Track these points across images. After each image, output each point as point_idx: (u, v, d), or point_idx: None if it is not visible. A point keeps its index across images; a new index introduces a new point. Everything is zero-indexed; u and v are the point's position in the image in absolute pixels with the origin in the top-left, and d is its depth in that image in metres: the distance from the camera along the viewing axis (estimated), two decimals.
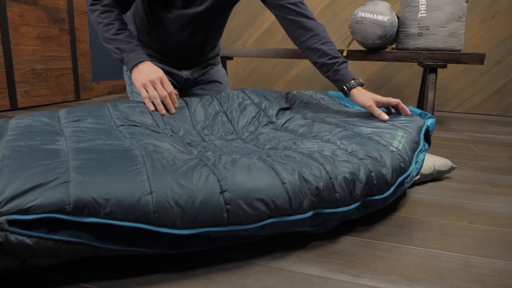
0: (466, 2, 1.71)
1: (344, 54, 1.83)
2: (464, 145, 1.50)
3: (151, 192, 0.52)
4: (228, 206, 0.54)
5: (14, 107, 1.92)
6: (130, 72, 0.99)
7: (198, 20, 1.10)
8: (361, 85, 0.98)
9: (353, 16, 1.78)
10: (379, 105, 0.95)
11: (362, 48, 1.93)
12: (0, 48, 1.81)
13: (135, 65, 0.97)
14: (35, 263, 0.55)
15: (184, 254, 0.60)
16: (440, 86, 2.52)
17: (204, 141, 0.85)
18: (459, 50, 1.75)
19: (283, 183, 0.59)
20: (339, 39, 2.63)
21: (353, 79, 0.98)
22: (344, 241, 0.67)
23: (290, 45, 2.73)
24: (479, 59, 1.70)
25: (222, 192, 0.55)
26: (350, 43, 1.89)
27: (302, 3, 1.05)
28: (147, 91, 0.93)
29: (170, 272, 0.55)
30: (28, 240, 0.46)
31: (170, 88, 0.94)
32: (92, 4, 1.00)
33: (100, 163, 0.55)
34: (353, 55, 1.85)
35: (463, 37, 1.73)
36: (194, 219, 0.53)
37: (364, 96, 0.94)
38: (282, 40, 2.75)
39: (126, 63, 0.99)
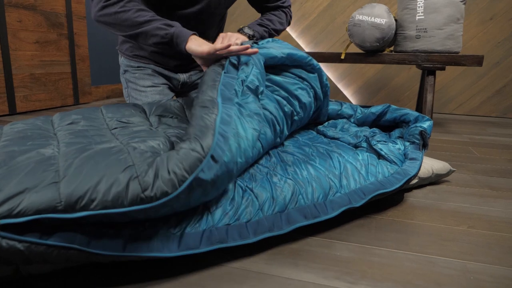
0: (464, 4, 1.71)
1: (342, 57, 1.83)
2: (464, 147, 1.50)
3: (137, 176, 0.52)
4: None
5: (13, 112, 1.92)
6: (186, 45, 0.93)
7: (194, 20, 1.10)
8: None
9: (351, 19, 1.78)
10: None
11: (360, 51, 1.93)
12: None
13: (190, 37, 0.93)
14: (28, 271, 0.54)
15: (177, 261, 0.60)
16: (439, 88, 2.52)
17: None
18: (457, 52, 1.75)
19: None
20: (337, 42, 2.63)
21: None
22: (340, 247, 0.66)
23: None
24: (477, 61, 1.70)
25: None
26: (348, 46, 1.89)
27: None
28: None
29: (163, 279, 0.55)
30: (19, 245, 0.46)
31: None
32: (106, 2, 0.96)
33: (91, 163, 0.55)
34: (351, 58, 1.84)
35: (461, 39, 1.73)
36: None
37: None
38: None
39: (178, 35, 0.93)
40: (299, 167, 0.80)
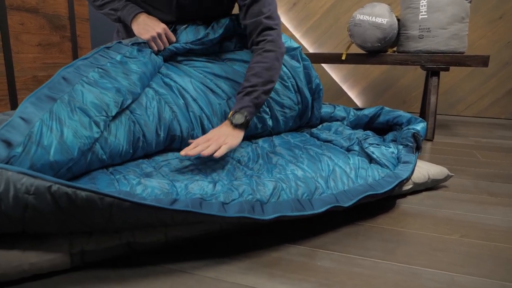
0: (470, 2, 1.65)
1: (343, 58, 1.79)
2: (467, 151, 1.44)
3: None
4: None
5: None
6: (131, 26, 1.01)
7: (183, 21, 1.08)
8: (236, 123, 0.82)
9: (352, 19, 1.74)
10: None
11: (361, 52, 1.89)
12: (1, 56, 1.84)
13: (134, 18, 1.00)
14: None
15: (148, 269, 0.58)
16: (447, 89, 2.45)
17: None
18: (462, 52, 1.69)
19: None
20: (341, 43, 2.59)
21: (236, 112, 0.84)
22: (322, 256, 0.63)
23: None
24: (483, 61, 1.64)
25: None
26: (349, 46, 1.85)
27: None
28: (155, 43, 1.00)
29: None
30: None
31: (173, 38, 1.01)
32: None
33: None
34: (353, 59, 1.80)
35: (466, 39, 1.67)
36: None
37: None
38: None
39: (124, 19, 1.02)
40: (285, 169, 0.78)
